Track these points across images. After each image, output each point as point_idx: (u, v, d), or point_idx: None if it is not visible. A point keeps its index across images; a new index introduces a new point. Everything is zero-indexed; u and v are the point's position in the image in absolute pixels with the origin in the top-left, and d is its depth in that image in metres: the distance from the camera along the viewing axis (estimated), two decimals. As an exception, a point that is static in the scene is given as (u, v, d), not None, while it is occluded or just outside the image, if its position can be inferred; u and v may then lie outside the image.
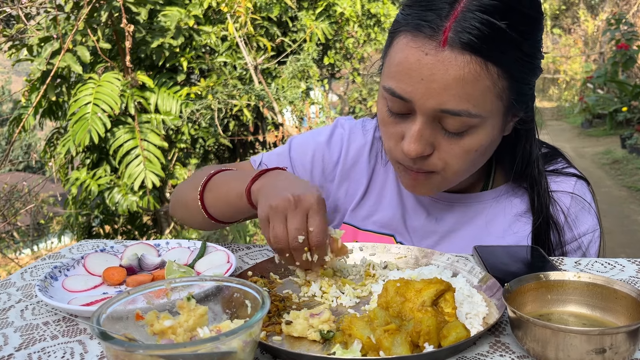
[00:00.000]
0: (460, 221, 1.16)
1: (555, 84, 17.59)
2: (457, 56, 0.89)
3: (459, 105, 0.91)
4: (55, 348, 0.78)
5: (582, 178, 1.17)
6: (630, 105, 10.12)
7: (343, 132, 1.25)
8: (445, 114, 0.93)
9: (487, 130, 0.97)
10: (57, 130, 4.66)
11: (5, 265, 6.81)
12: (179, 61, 4.50)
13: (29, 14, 4.15)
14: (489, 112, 0.94)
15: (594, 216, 1.14)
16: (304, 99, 5.29)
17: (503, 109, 0.97)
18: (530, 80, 1.00)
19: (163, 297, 0.70)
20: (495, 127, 0.98)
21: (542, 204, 1.11)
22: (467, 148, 0.97)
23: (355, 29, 5.97)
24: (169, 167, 4.51)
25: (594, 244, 1.12)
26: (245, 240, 5.31)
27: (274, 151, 1.30)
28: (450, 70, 0.90)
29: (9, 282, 1.03)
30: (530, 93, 1.02)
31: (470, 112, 0.92)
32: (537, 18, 0.96)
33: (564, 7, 19.89)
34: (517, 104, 0.99)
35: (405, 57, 0.93)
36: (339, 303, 0.88)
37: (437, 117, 0.95)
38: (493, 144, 1.02)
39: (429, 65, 0.91)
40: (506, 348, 0.73)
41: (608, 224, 5.70)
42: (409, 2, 0.97)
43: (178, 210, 1.27)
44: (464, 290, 0.84)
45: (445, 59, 0.90)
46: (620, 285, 0.74)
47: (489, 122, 0.96)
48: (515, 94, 0.97)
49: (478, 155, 1.00)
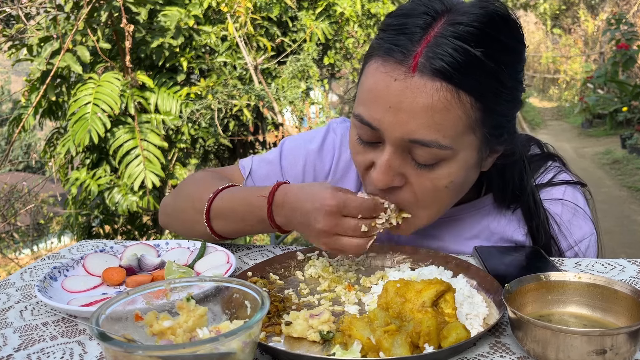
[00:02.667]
0: (450, 235, 1.12)
1: (555, 84, 17.59)
2: (426, 83, 0.85)
3: (428, 136, 0.87)
4: (54, 349, 0.78)
5: (574, 183, 1.13)
6: (630, 105, 10.12)
7: (335, 137, 1.23)
8: (414, 144, 0.88)
9: (460, 164, 0.92)
10: (57, 130, 4.66)
11: (5, 266, 6.81)
12: (179, 61, 4.50)
13: (29, 14, 4.15)
14: (460, 144, 0.89)
15: (588, 221, 1.10)
16: (304, 99, 5.29)
17: (477, 143, 0.92)
18: (509, 113, 0.95)
19: (162, 297, 0.70)
20: (470, 161, 0.93)
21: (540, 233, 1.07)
22: (437, 182, 0.92)
23: (355, 29, 5.97)
24: (168, 167, 4.51)
25: (592, 249, 1.10)
26: (245, 240, 5.30)
27: (264, 157, 1.26)
28: (418, 98, 0.85)
29: (8, 282, 1.03)
30: (509, 126, 0.97)
31: (440, 144, 0.87)
32: (517, 48, 0.92)
33: (564, 7, 19.90)
34: (494, 137, 0.94)
35: (374, 83, 0.90)
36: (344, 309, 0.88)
37: (407, 147, 0.90)
38: (468, 179, 0.98)
39: (397, 91, 0.86)
40: (506, 349, 0.73)
41: (608, 224, 5.70)
42: (384, 26, 0.93)
43: (172, 225, 1.23)
44: (464, 291, 0.84)
45: (414, 85, 0.85)
46: (620, 286, 0.74)
47: (461, 156, 0.91)
48: (490, 127, 0.92)
49: (450, 191, 0.95)
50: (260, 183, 1.21)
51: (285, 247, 1.14)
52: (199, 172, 1.26)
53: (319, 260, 1.03)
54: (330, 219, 0.89)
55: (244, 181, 1.23)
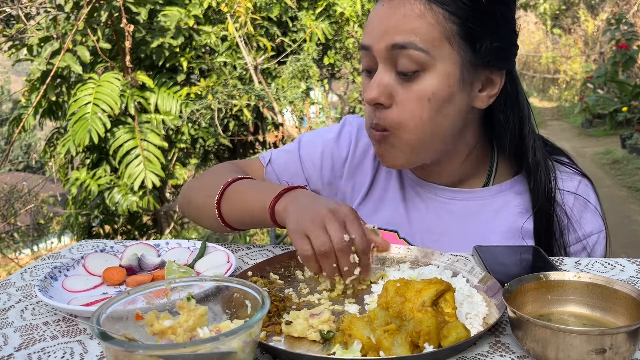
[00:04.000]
0: (462, 217, 1.15)
1: (555, 84, 17.59)
2: (405, 1, 1.01)
3: (406, 38, 0.99)
4: (55, 348, 0.78)
5: (586, 177, 1.16)
6: (630, 105, 10.12)
7: (351, 129, 1.27)
8: (396, 50, 1.00)
9: (439, 75, 1.00)
10: (57, 130, 4.66)
11: (5, 265, 6.81)
12: (179, 61, 4.50)
13: (29, 14, 4.15)
14: (437, 51, 0.99)
15: (598, 217, 1.13)
16: (304, 99, 5.29)
17: (456, 57, 1.00)
18: (496, 35, 1.02)
19: (163, 297, 0.70)
20: (450, 76, 1.01)
21: (539, 188, 1.09)
22: (420, 93, 1.00)
23: (355, 29, 5.96)
24: (169, 167, 4.51)
25: (600, 245, 1.12)
26: (245, 240, 5.31)
27: (283, 148, 1.32)
28: (397, 12, 1.01)
29: (8, 282, 1.03)
30: (502, 55, 1.04)
31: (417, 45, 0.98)
32: None
33: (564, 7, 19.90)
34: (482, 59, 1.02)
35: (371, 15, 1.07)
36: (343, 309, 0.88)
37: (392, 60, 1.01)
38: (454, 100, 1.03)
39: (383, 12, 1.03)
40: (506, 348, 0.73)
41: (608, 224, 5.67)
42: None
43: (189, 210, 1.27)
44: (464, 291, 0.84)
45: (395, 4, 1.02)
46: (620, 286, 0.74)
47: (440, 66, 1.00)
48: (471, 43, 1.00)
49: (433, 108, 1.01)
50: (280, 170, 1.27)
51: (286, 247, 1.14)
52: (223, 164, 1.31)
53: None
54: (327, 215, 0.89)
55: (264, 169, 1.28)
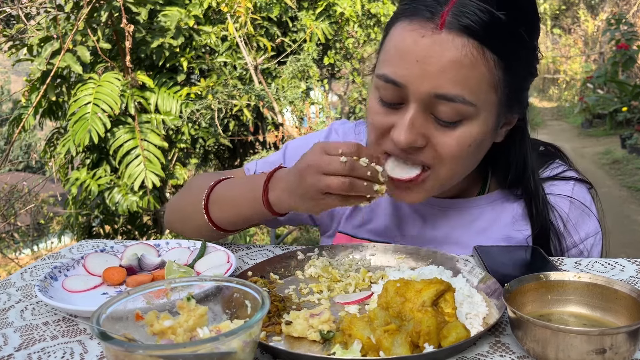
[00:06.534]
0: (456, 227, 1.14)
1: (555, 84, 17.58)
2: (454, 38, 0.88)
3: (454, 90, 0.89)
4: (55, 348, 0.78)
5: (581, 180, 1.15)
6: (630, 105, 10.11)
7: (337, 137, 1.25)
8: (439, 99, 0.90)
9: (480, 124, 0.94)
10: (57, 130, 4.66)
11: (5, 265, 6.81)
12: (179, 61, 4.50)
13: (29, 14, 4.15)
14: (483, 102, 0.92)
15: (594, 219, 1.12)
16: (304, 99, 5.28)
17: (497, 104, 0.95)
18: (525, 80, 0.99)
19: (163, 297, 0.70)
20: (489, 123, 0.95)
21: (540, 216, 1.08)
22: (460, 140, 0.93)
23: (355, 29, 5.97)
24: (169, 167, 4.51)
25: (596, 247, 1.12)
26: (245, 240, 5.31)
27: (267, 158, 1.28)
28: (446, 53, 0.88)
29: (8, 282, 1.03)
30: (523, 97, 1.01)
31: (465, 99, 0.90)
32: (534, 17, 0.97)
33: (564, 7, 19.89)
34: (511, 103, 0.97)
35: (401, 41, 0.92)
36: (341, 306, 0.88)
37: (430, 105, 0.92)
38: (485, 143, 0.99)
39: (425, 47, 0.89)
40: (506, 348, 0.73)
41: (608, 224, 5.64)
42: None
43: (176, 224, 1.26)
44: (464, 291, 0.84)
45: (442, 41, 0.88)
46: (620, 286, 0.74)
47: (482, 116, 0.93)
48: (510, 89, 0.95)
49: (471, 152, 0.96)
50: None
51: (286, 247, 1.14)
52: (201, 174, 1.30)
53: (319, 260, 1.03)
54: (315, 155, 0.90)
55: None
